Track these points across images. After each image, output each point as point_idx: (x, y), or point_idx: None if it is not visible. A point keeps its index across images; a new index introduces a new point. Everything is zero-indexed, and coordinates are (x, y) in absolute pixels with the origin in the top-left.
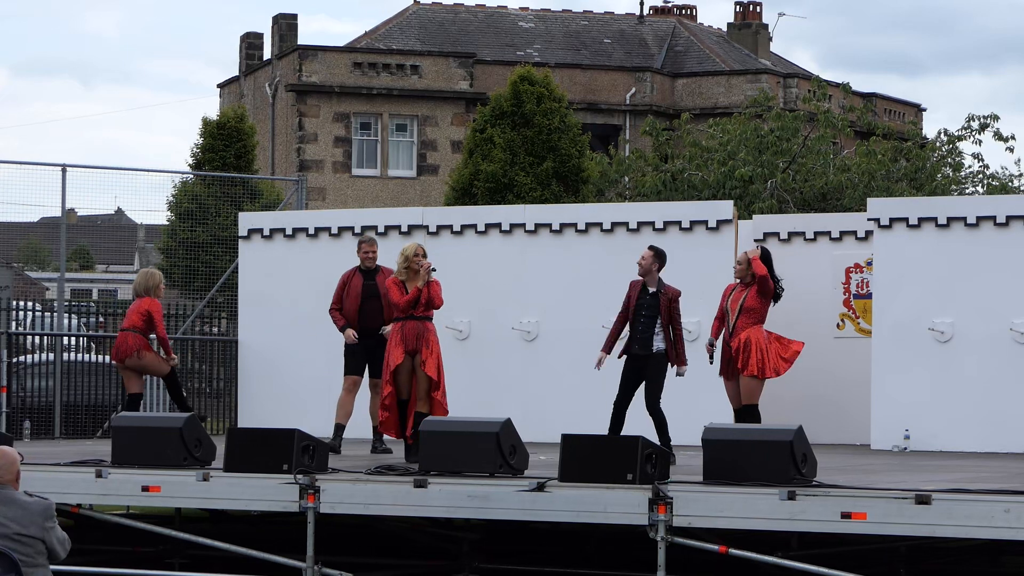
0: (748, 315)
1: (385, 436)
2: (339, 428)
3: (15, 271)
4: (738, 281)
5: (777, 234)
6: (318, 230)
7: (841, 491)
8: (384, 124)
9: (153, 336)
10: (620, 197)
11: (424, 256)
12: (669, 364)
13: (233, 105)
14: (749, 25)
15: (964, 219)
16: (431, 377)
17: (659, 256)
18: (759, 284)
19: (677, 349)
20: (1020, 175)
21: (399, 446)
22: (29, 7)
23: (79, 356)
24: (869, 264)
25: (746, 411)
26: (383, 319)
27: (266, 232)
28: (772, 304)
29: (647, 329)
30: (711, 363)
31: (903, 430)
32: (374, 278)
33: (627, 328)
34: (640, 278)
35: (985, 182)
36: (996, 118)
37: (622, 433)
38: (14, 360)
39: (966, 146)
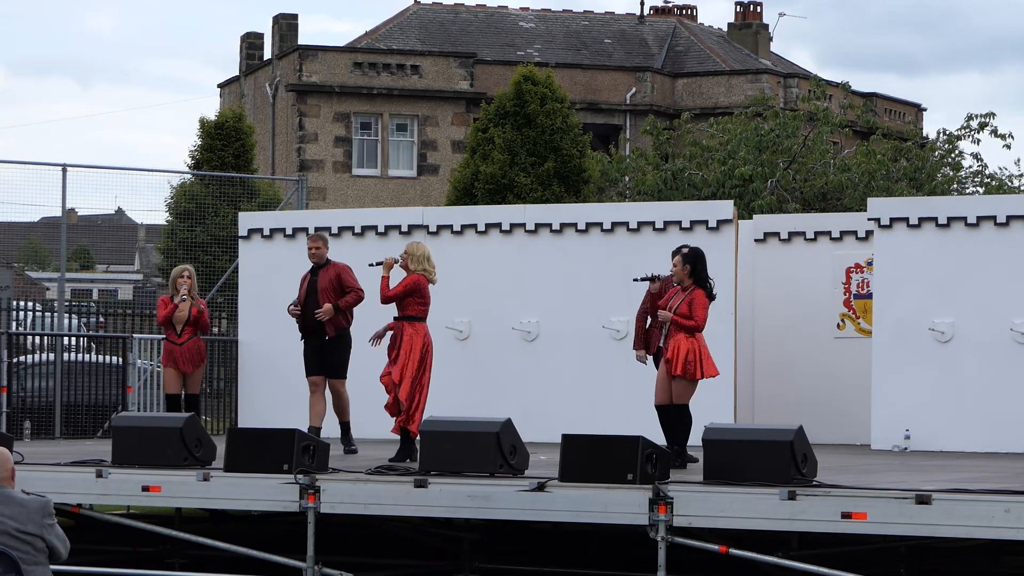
0: (684, 318)
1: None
2: (312, 431)
3: (15, 271)
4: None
5: (777, 234)
6: (318, 230)
7: (841, 491)
8: (384, 124)
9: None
10: (620, 196)
11: (412, 253)
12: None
13: (231, 105)
14: (749, 25)
15: (964, 219)
16: (393, 381)
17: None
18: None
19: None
20: (1020, 175)
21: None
22: (25, 6)
23: (79, 356)
24: (869, 264)
25: (676, 410)
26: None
27: (266, 232)
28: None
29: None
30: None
31: (903, 430)
32: (317, 275)
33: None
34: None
35: (984, 182)
36: (992, 115)
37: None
38: (14, 360)
39: (966, 146)
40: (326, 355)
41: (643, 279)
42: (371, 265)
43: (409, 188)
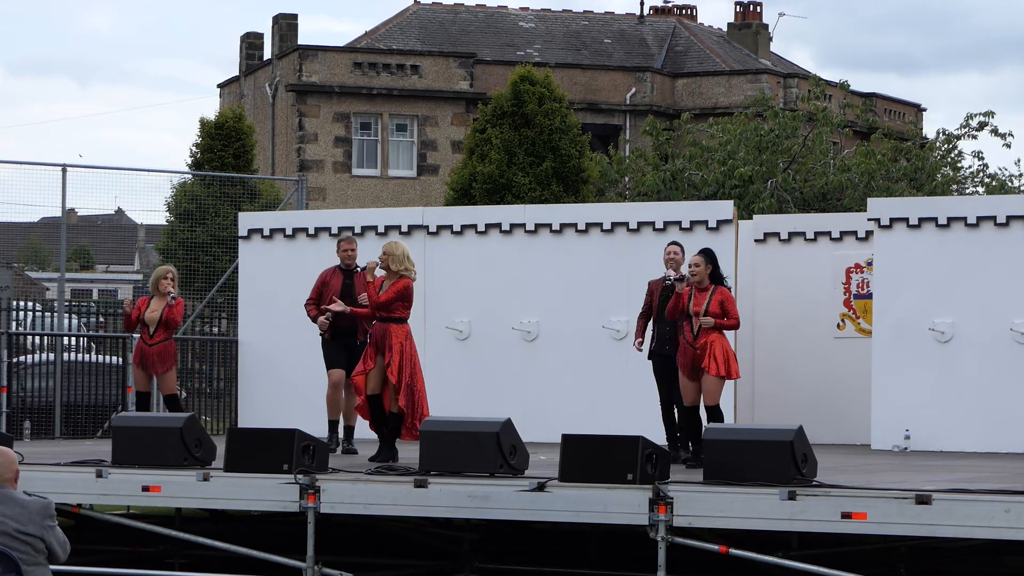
0: (722, 318)
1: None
2: (333, 425)
3: (15, 271)
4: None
5: (777, 234)
6: (318, 230)
7: (841, 491)
8: (384, 124)
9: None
10: (620, 197)
11: (392, 253)
12: None
13: (231, 105)
14: (749, 25)
15: (964, 219)
16: (392, 382)
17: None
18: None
19: None
20: (1020, 175)
21: (366, 447)
22: (24, 5)
23: (79, 356)
24: (869, 264)
25: (711, 411)
26: (358, 322)
27: (266, 232)
28: None
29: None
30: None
31: (903, 430)
32: (352, 278)
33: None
34: (660, 277)
35: (985, 181)
36: (991, 114)
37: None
38: (14, 360)
39: (966, 145)
40: (355, 354)
41: (674, 280)
42: (358, 269)
43: (409, 188)
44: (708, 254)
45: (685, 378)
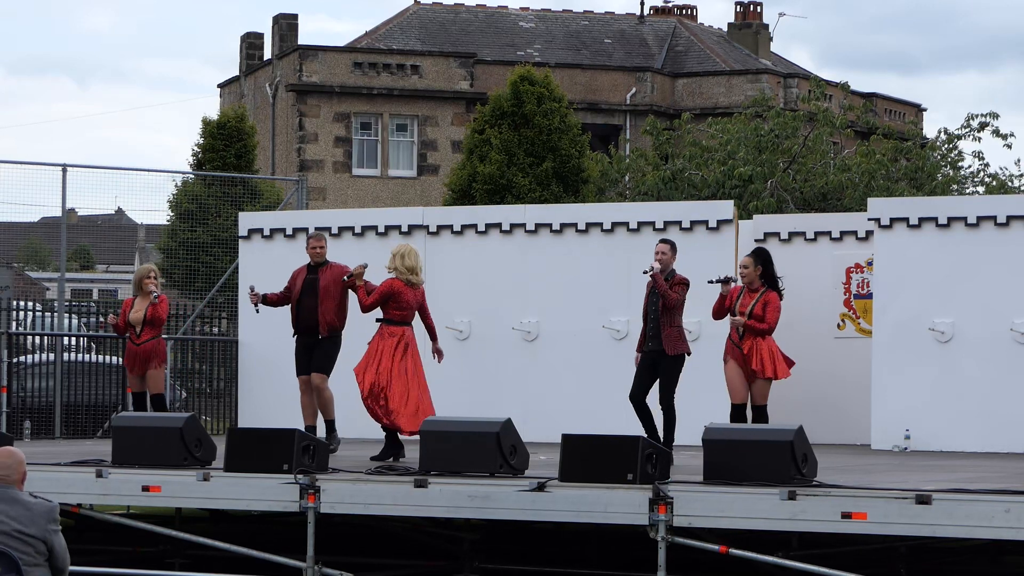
0: (758, 321)
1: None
2: (309, 429)
3: (15, 271)
4: (740, 285)
5: (777, 234)
6: (318, 230)
7: (841, 491)
8: (384, 124)
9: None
10: (620, 197)
11: (391, 254)
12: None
13: (233, 105)
14: (749, 25)
15: (964, 219)
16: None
17: (674, 248)
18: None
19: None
20: (1020, 175)
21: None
22: (22, 5)
23: (79, 356)
24: (869, 264)
25: (758, 411)
26: (318, 317)
27: (266, 232)
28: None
29: (657, 325)
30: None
31: (903, 430)
32: (316, 274)
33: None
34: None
35: (985, 180)
36: (995, 116)
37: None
38: (14, 360)
39: (967, 145)
40: (314, 351)
41: (717, 281)
42: (344, 280)
43: (409, 188)
44: (759, 255)
45: (739, 376)
